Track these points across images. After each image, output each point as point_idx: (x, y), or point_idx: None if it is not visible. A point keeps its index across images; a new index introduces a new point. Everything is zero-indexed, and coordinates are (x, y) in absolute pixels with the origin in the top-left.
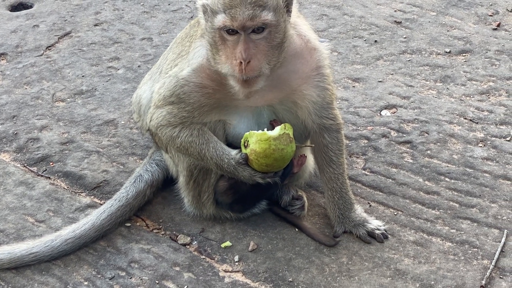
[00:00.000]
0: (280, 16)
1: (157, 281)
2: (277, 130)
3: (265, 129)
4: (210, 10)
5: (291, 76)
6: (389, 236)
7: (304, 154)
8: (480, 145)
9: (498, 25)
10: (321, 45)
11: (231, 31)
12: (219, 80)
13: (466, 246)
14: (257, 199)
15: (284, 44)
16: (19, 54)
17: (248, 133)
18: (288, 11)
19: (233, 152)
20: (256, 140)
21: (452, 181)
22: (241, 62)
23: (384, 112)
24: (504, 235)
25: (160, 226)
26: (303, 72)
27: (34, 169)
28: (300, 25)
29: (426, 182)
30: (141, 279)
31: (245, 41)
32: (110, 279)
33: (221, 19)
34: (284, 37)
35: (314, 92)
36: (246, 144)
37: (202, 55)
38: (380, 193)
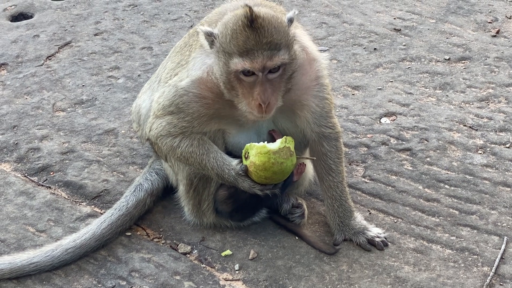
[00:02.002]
0: (292, 49)
1: None
2: (278, 144)
3: (265, 142)
4: (222, 49)
5: (292, 88)
6: (389, 243)
7: (304, 163)
8: (480, 152)
9: (497, 32)
10: (320, 55)
11: (248, 72)
12: (218, 92)
13: (466, 253)
14: (256, 208)
15: (295, 73)
16: (20, 64)
17: (249, 144)
18: (291, 22)
19: (234, 162)
20: (256, 153)
21: (452, 188)
22: (260, 104)
23: (383, 120)
24: (504, 242)
25: (161, 235)
26: (303, 83)
27: (35, 179)
28: (300, 36)
29: (426, 189)
30: None
31: (263, 83)
32: None
33: (239, 63)
34: (295, 67)
35: (313, 102)
36: (246, 156)
37: (201, 68)
38: (380, 201)
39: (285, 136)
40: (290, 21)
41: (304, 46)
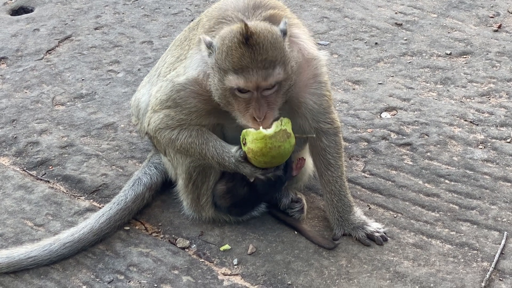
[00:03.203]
0: (289, 65)
1: (155, 285)
2: (273, 128)
3: (260, 127)
4: (218, 66)
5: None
6: (388, 238)
7: (303, 157)
8: (480, 147)
9: (499, 27)
10: (319, 53)
11: (243, 89)
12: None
13: (465, 248)
14: (255, 203)
15: (292, 86)
16: (19, 58)
17: (245, 130)
18: (285, 35)
19: (233, 149)
20: (252, 139)
21: (452, 183)
22: (255, 119)
23: (384, 114)
24: (504, 237)
25: (159, 230)
26: (300, 81)
27: (33, 173)
28: (299, 36)
29: (426, 184)
30: (140, 283)
31: (258, 99)
32: (108, 283)
33: (233, 80)
34: (291, 82)
35: (311, 100)
36: (244, 142)
37: (197, 68)
38: (380, 196)
39: (281, 118)
40: (284, 33)
41: (301, 47)
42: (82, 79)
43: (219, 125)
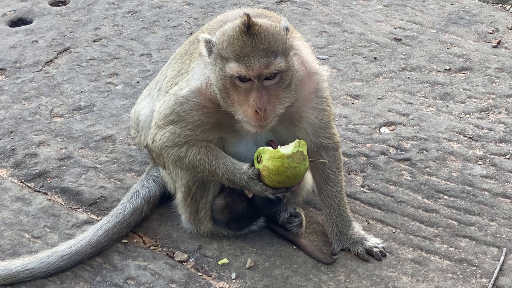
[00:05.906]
0: (289, 58)
1: None
2: (291, 148)
3: (279, 146)
4: (219, 55)
5: (295, 100)
6: (387, 254)
7: None
8: (480, 163)
9: (498, 43)
10: (320, 68)
11: (244, 78)
12: (217, 102)
13: (464, 264)
14: (253, 217)
15: (293, 82)
16: (18, 69)
17: (261, 148)
18: (287, 30)
19: (245, 166)
20: (269, 157)
21: (451, 199)
22: (257, 111)
23: (383, 129)
24: (503, 253)
25: (157, 243)
26: (301, 95)
27: (31, 184)
28: (300, 48)
29: (425, 199)
30: None
31: (259, 89)
32: None
33: (234, 68)
34: (293, 76)
35: (312, 114)
36: (259, 159)
37: (200, 78)
38: (379, 211)
39: (297, 140)
40: (286, 29)
41: (304, 60)
42: (81, 91)
43: (221, 140)
